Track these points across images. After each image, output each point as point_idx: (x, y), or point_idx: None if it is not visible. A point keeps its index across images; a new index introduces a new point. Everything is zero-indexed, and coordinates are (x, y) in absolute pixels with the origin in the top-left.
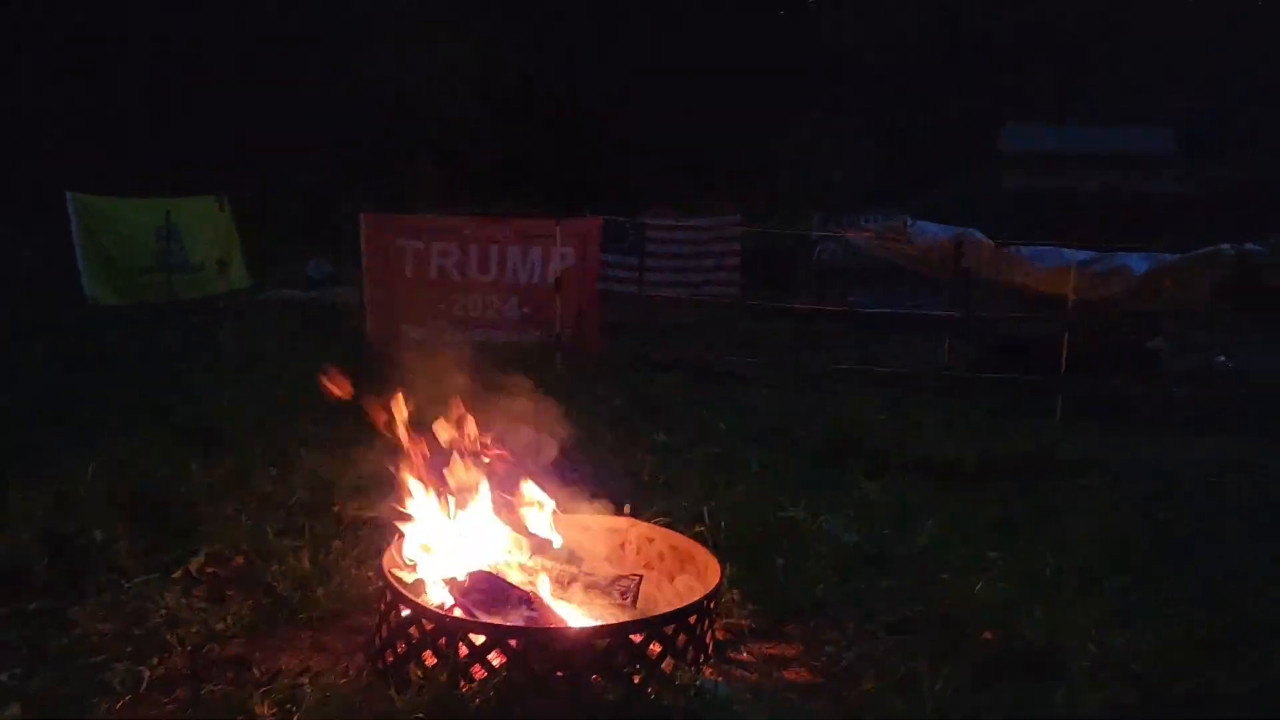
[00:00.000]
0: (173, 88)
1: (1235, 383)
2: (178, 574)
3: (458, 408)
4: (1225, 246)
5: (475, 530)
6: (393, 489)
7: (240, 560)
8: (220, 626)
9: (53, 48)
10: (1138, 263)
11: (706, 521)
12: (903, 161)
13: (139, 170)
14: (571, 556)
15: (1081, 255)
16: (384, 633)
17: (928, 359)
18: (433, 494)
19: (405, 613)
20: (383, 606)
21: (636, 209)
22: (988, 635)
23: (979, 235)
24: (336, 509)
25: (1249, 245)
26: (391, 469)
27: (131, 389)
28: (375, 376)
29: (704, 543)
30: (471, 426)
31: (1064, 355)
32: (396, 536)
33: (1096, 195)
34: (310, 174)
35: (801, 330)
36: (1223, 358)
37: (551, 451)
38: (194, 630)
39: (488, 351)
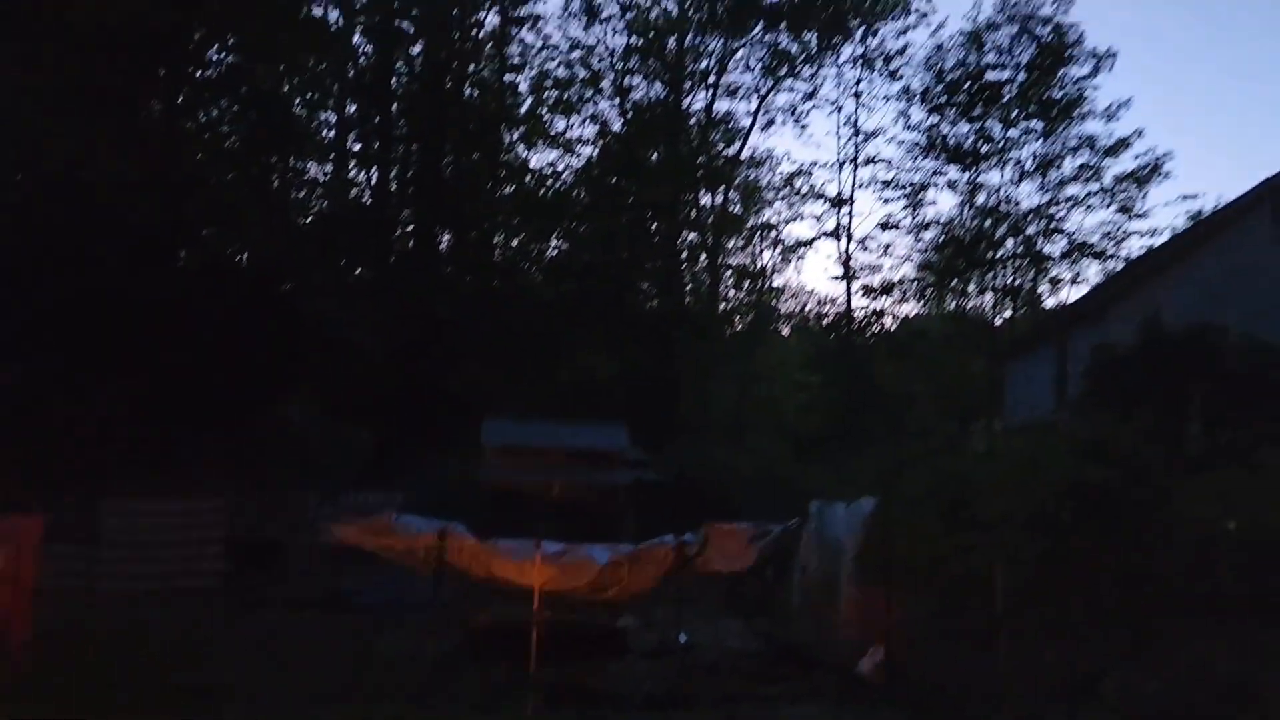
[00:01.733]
0: None
1: (691, 657)
2: None
3: None
4: (668, 538)
5: None
6: None
7: None
8: None
9: None
10: (600, 553)
11: None
12: (397, 448)
13: None
14: None
15: (552, 548)
16: None
17: (415, 653)
18: None
19: None
20: None
21: (99, 493)
22: None
23: (461, 529)
24: None
25: (686, 536)
26: None
27: None
28: None
29: None
30: None
31: (536, 645)
32: None
33: (567, 487)
34: None
35: (286, 623)
36: (680, 635)
37: None
38: None
39: None
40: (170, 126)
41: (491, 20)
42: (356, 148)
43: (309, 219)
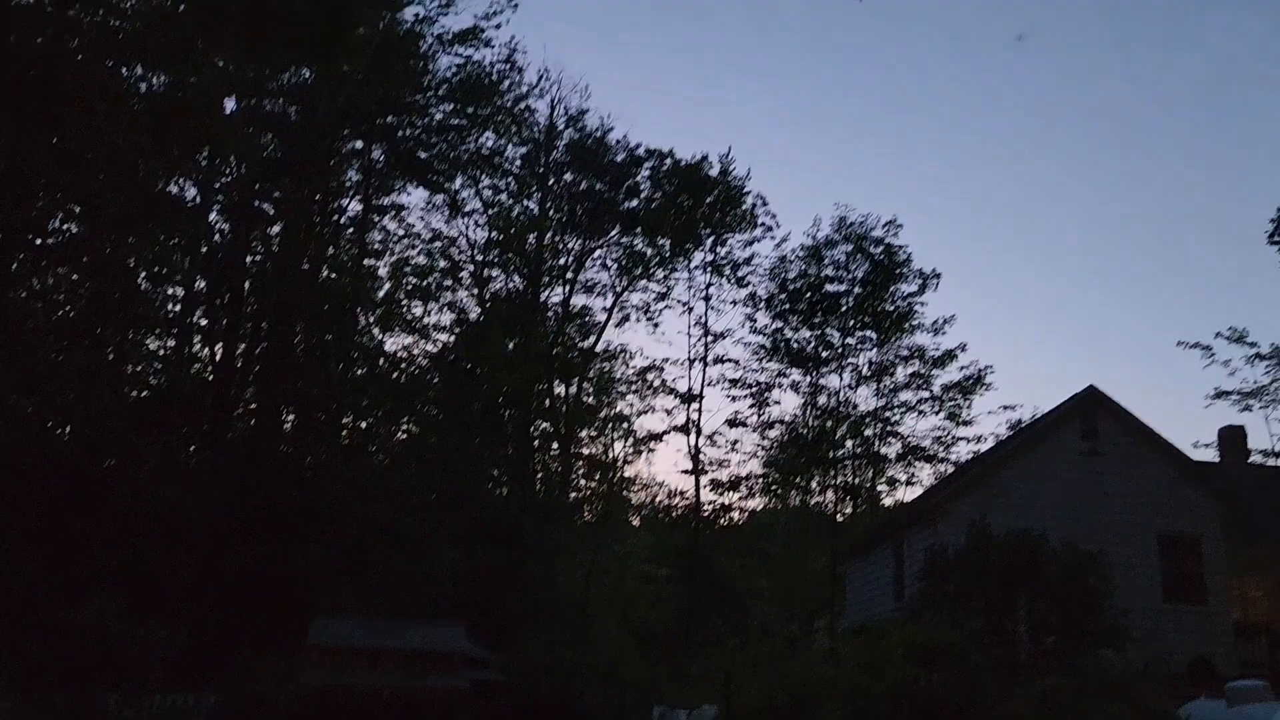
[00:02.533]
0: None
1: None
2: None
3: None
4: None
5: None
6: None
7: None
8: None
9: None
10: None
11: None
12: (214, 644)
13: None
14: None
15: None
16: None
17: None
18: None
19: None
20: None
21: None
22: None
23: None
24: None
25: None
26: None
27: None
28: None
29: None
30: None
31: None
32: None
33: (399, 691)
34: None
35: None
36: None
37: None
38: None
39: None
40: None
41: (354, 207)
42: (203, 323)
43: (143, 393)
